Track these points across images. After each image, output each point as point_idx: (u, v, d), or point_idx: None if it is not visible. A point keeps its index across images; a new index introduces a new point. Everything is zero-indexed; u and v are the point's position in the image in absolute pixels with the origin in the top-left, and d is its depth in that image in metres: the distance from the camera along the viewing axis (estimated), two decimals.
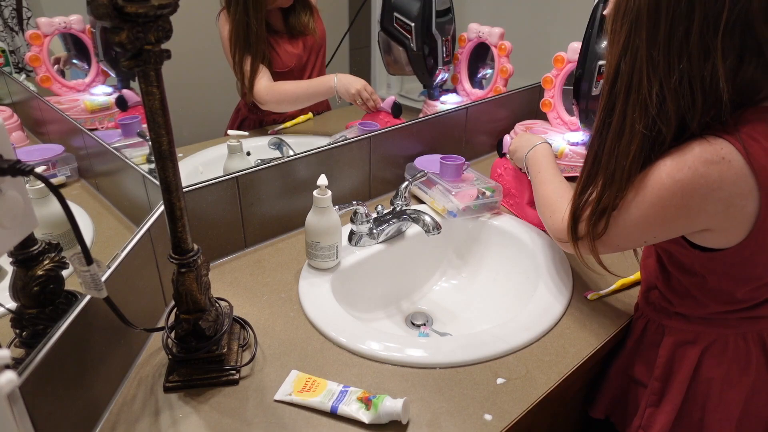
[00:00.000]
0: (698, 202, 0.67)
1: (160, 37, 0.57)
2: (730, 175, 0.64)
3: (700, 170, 0.65)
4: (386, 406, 0.68)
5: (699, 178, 0.66)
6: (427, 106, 1.51)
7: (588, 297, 0.93)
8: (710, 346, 0.79)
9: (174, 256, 0.69)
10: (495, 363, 0.79)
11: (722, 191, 0.65)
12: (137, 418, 0.70)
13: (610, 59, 0.70)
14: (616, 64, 0.69)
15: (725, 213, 0.67)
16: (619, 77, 0.69)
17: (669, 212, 0.70)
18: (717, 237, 0.70)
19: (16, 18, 0.97)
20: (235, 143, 1.07)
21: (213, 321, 0.74)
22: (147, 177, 0.89)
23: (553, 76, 1.38)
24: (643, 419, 0.86)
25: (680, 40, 0.63)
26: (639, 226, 0.72)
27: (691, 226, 0.70)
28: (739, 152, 0.64)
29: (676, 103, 0.65)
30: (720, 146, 0.65)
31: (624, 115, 0.69)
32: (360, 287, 1.01)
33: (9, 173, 0.49)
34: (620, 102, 0.69)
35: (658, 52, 0.65)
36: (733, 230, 0.68)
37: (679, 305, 0.81)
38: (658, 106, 0.66)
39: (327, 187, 0.91)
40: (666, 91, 0.65)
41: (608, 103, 0.71)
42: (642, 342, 0.87)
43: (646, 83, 0.66)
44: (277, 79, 1.27)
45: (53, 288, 0.64)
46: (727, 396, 0.79)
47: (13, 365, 0.51)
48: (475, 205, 1.13)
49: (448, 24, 1.35)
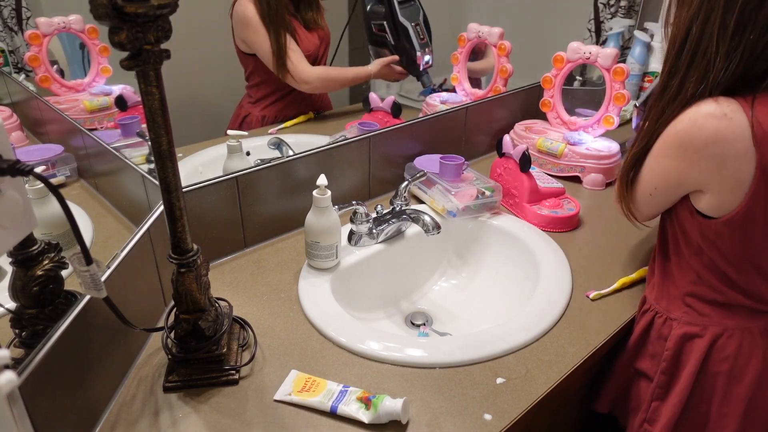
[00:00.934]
0: (692, 154, 0.70)
1: (159, 37, 0.57)
2: (728, 131, 0.66)
3: (699, 122, 0.69)
4: (386, 405, 0.68)
5: (696, 129, 0.69)
6: (428, 105, 1.52)
7: (590, 297, 0.93)
8: (717, 340, 0.80)
9: (173, 256, 0.69)
10: (495, 363, 0.79)
11: (716, 147, 0.68)
12: (137, 418, 0.70)
13: (679, 23, 0.72)
14: (686, 27, 0.70)
15: (717, 172, 0.69)
16: (688, 40, 0.70)
17: (666, 163, 0.73)
18: (710, 200, 0.72)
19: (15, 18, 0.97)
20: (234, 143, 1.07)
21: (213, 321, 0.74)
22: (146, 177, 0.89)
23: (553, 76, 1.38)
24: (649, 413, 0.86)
25: (753, 9, 0.65)
26: (646, 177, 0.78)
27: (686, 180, 0.73)
28: (744, 112, 0.65)
29: (733, 70, 0.67)
30: (727, 104, 0.67)
31: (685, 78, 0.71)
32: (360, 287, 1.01)
33: (9, 173, 0.49)
34: (684, 65, 0.71)
35: (732, 17, 0.66)
36: (726, 194, 0.70)
37: (682, 282, 0.82)
38: (716, 72, 0.68)
39: (327, 187, 0.91)
40: (727, 57, 0.67)
41: (673, 67, 0.73)
42: (648, 336, 0.88)
43: (714, 48, 0.68)
44: None
45: (53, 288, 0.64)
46: (733, 390, 0.80)
47: (13, 365, 0.51)
48: (475, 204, 1.13)
49: (413, 10, 1.43)
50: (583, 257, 1.05)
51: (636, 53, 1.72)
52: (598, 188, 1.32)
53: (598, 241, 1.10)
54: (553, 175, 1.35)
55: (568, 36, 1.38)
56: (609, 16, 1.76)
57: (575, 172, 1.34)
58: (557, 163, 1.35)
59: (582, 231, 1.14)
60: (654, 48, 1.74)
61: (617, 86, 1.28)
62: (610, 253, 1.06)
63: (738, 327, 0.79)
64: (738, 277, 0.77)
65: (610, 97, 1.30)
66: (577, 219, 1.16)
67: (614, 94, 1.29)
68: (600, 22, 1.77)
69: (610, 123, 1.32)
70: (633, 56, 1.72)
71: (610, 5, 1.75)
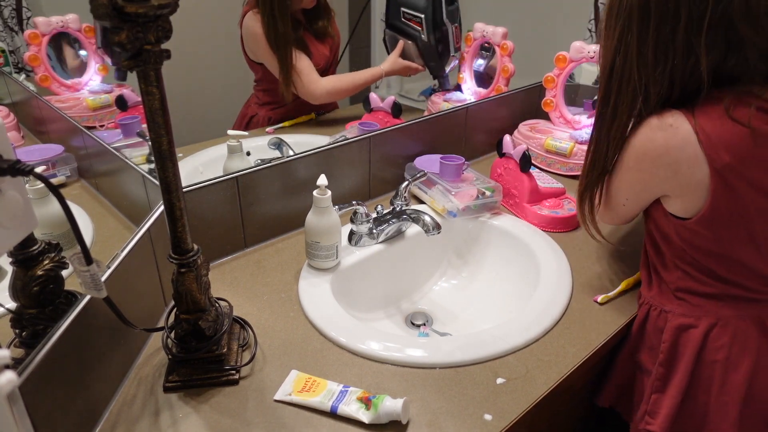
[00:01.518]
0: (649, 166, 0.76)
1: (159, 37, 0.57)
2: (676, 141, 0.72)
3: (649, 135, 0.75)
4: (386, 406, 0.68)
5: (647, 143, 0.75)
6: (432, 104, 1.51)
7: (598, 301, 0.93)
8: (711, 329, 0.81)
9: (174, 256, 0.69)
10: (495, 363, 0.79)
11: (668, 156, 0.73)
12: (137, 418, 0.70)
13: (605, 55, 0.78)
14: (611, 59, 0.76)
15: (675, 178, 0.74)
16: (614, 71, 0.76)
17: (629, 176, 0.80)
18: (677, 204, 0.77)
19: (15, 18, 0.97)
20: (234, 143, 1.07)
21: (213, 321, 0.74)
22: (147, 177, 0.89)
23: (555, 75, 1.38)
24: (649, 405, 0.87)
25: (666, 38, 0.70)
26: (615, 192, 0.84)
27: (649, 190, 0.79)
28: (688, 121, 0.70)
29: (659, 93, 0.73)
30: (670, 116, 0.73)
31: (617, 104, 0.77)
32: (360, 287, 1.01)
33: (9, 173, 0.49)
34: (614, 94, 0.77)
35: (648, 48, 0.71)
36: (689, 197, 0.74)
37: (670, 279, 0.84)
38: (644, 96, 0.74)
39: (327, 187, 0.91)
40: (652, 84, 0.73)
41: (605, 95, 0.79)
42: (645, 329, 0.89)
43: (636, 76, 0.74)
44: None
45: (53, 288, 0.64)
46: (730, 378, 0.80)
47: (13, 365, 0.51)
48: (475, 205, 1.13)
49: (456, 11, 1.40)
50: (583, 257, 1.05)
51: None
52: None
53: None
54: (562, 174, 1.35)
55: (568, 36, 1.38)
56: None
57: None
58: (566, 162, 1.35)
59: (582, 231, 1.13)
60: None
61: None
62: (610, 253, 1.06)
63: (731, 316, 0.80)
64: (721, 269, 0.79)
65: None
66: (577, 219, 1.16)
67: None
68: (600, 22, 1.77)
69: None
70: None
71: None
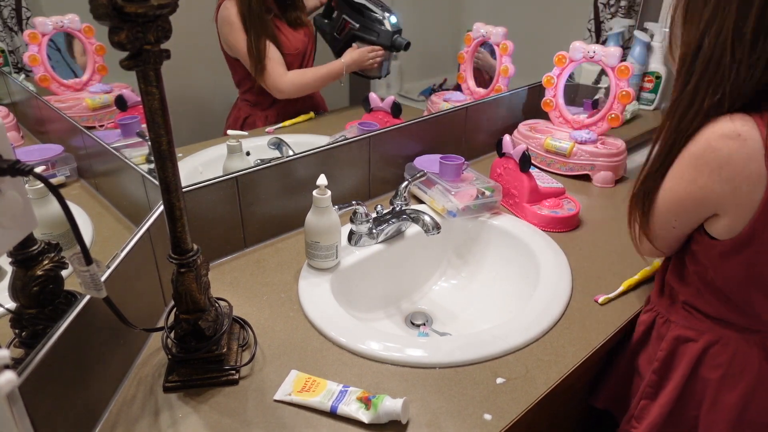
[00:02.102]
0: (706, 178, 0.67)
1: (159, 37, 0.57)
2: (742, 153, 0.63)
3: (712, 143, 0.65)
4: (386, 405, 0.68)
5: (709, 152, 0.65)
6: (432, 104, 1.52)
7: (599, 301, 0.93)
8: (711, 347, 0.80)
9: (173, 256, 0.69)
10: (494, 363, 0.79)
11: (729, 169, 0.65)
12: (137, 418, 0.70)
13: (688, 41, 0.69)
14: (698, 40, 0.67)
15: (732, 195, 0.66)
16: (700, 53, 0.67)
17: (681, 188, 0.70)
18: (724, 223, 0.69)
19: (15, 18, 0.97)
20: (234, 143, 1.07)
21: (212, 321, 0.74)
22: (146, 177, 0.89)
23: (555, 75, 1.38)
24: (637, 410, 0.86)
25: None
26: (661, 205, 0.74)
27: (701, 206, 0.70)
28: (760, 132, 0.62)
29: (752, 81, 0.64)
30: (742, 123, 0.64)
31: (696, 91, 0.68)
32: (360, 287, 1.01)
33: (9, 173, 0.49)
34: (695, 79, 0.68)
35: (748, 27, 0.62)
36: (740, 217, 0.67)
37: (683, 292, 0.81)
38: (734, 83, 0.64)
39: (326, 187, 0.91)
40: (744, 68, 0.64)
41: (685, 80, 0.69)
42: (649, 335, 0.88)
43: (729, 59, 0.64)
44: (287, 62, 1.31)
45: (53, 288, 0.64)
46: (723, 398, 0.79)
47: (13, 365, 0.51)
48: (475, 204, 1.13)
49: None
50: (583, 257, 1.05)
51: (636, 53, 1.72)
52: (608, 185, 1.34)
53: (598, 241, 1.10)
54: (562, 174, 1.35)
55: (568, 36, 1.38)
56: (609, 16, 1.76)
57: (585, 171, 1.34)
58: (566, 162, 1.35)
59: (582, 231, 1.14)
60: (654, 48, 1.74)
61: (622, 84, 1.29)
62: (610, 252, 1.06)
63: (734, 337, 0.79)
64: (737, 298, 0.75)
65: (614, 95, 1.30)
66: (577, 219, 1.16)
67: (618, 92, 1.29)
68: (600, 22, 1.77)
69: (615, 121, 1.32)
70: (633, 56, 1.72)
71: (610, 5, 1.75)
